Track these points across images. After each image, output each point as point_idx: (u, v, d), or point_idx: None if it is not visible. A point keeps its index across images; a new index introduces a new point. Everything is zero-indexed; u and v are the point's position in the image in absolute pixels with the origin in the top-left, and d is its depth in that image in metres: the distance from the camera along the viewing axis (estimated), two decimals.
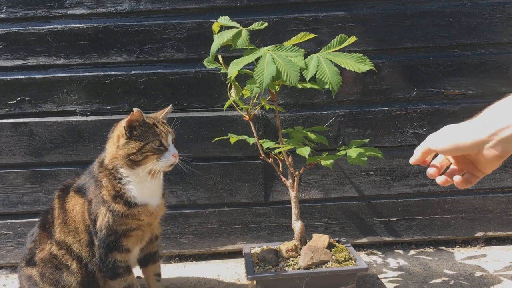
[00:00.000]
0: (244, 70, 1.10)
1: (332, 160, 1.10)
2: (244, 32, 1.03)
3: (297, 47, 1.03)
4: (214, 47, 1.03)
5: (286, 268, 1.13)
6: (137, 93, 1.43)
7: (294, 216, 1.22)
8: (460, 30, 1.43)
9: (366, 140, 1.22)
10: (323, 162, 1.11)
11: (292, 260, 1.16)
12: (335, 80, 0.98)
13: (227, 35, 1.02)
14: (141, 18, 1.41)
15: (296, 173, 1.20)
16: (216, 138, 1.31)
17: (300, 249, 1.19)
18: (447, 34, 1.44)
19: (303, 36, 1.08)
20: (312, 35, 1.08)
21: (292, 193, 1.20)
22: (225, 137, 1.28)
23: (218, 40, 1.03)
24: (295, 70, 0.98)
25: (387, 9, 1.43)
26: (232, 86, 1.14)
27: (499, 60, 1.45)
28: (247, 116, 1.20)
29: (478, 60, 1.45)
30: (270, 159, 1.23)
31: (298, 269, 1.12)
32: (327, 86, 0.98)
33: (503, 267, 1.38)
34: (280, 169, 1.25)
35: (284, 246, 1.19)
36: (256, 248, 1.26)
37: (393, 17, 1.43)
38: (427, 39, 1.44)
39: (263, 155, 1.22)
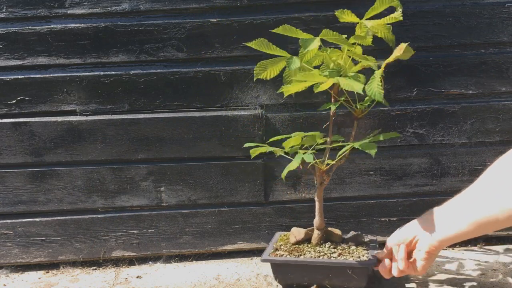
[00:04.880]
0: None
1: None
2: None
3: None
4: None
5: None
6: (137, 93, 1.43)
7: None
8: (460, 29, 1.44)
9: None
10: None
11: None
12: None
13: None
14: (141, 18, 1.41)
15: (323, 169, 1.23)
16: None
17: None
18: (447, 33, 1.44)
19: None
20: None
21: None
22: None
23: None
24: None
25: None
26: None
27: (499, 60, 1.45)
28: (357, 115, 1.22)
29: (478, 60, 1.45)
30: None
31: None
32: None
33: (504, 266, 1.38)
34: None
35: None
36: None
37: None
38: (427, 38, 1.44)
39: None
